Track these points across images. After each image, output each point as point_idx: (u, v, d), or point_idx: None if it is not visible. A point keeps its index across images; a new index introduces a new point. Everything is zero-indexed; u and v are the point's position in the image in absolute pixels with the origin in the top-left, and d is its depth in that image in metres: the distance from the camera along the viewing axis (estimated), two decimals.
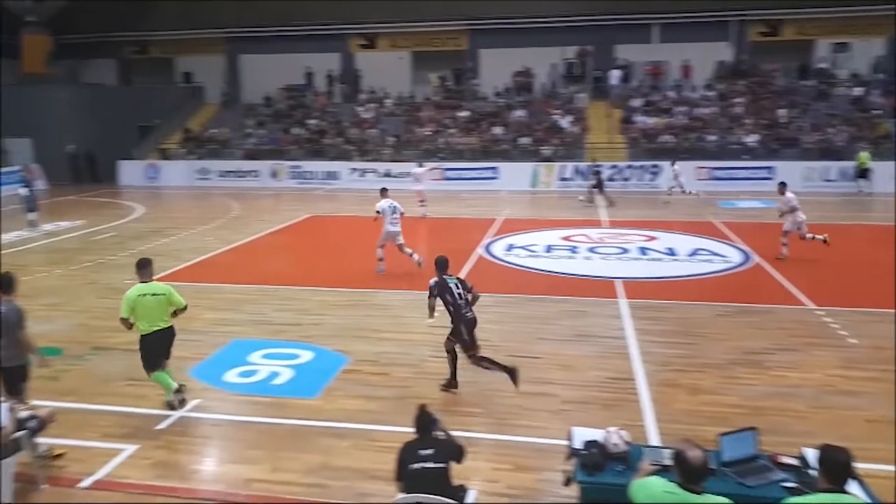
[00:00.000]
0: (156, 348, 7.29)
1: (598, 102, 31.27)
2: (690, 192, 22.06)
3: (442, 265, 7.79)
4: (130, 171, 30.39)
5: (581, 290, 12.02)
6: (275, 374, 8.38)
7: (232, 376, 8.32)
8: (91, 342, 9.60)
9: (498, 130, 29.71)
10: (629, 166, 26.56)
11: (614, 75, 31.56)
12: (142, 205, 23.50)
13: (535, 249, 15.30)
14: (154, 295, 7.17)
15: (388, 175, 27.92)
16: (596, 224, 18.70)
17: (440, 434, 4.92)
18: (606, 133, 29.05)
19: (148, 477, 6.08)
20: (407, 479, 4.64)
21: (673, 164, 22.99)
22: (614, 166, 26.36)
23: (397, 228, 13.05)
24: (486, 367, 7.58)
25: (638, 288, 12.02)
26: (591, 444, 4.88)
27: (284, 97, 34.10)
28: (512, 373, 7.46)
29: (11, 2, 31.19)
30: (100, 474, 6.11)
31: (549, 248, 15.42)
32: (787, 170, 23.40)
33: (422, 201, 20.16)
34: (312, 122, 31.77)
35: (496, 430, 6.89)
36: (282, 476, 6.09)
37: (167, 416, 7.23)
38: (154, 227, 19.02)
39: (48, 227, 18.95)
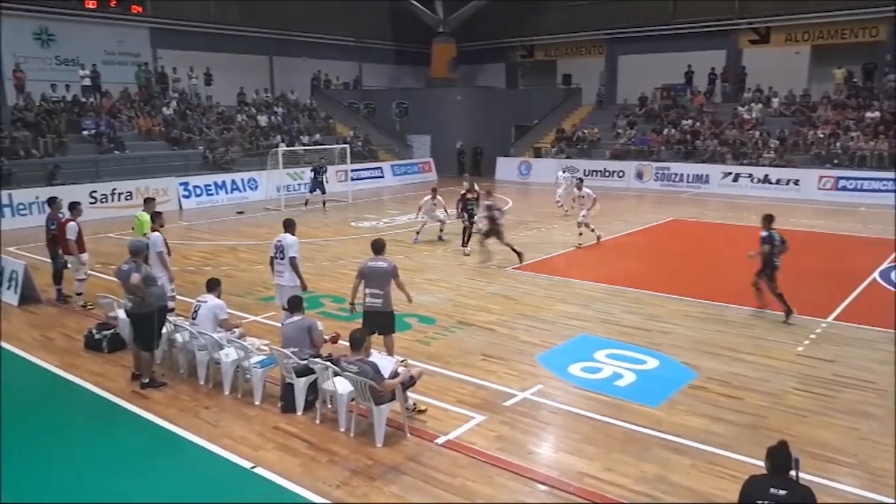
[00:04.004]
0: None
1: None
2: None
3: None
4: (506, 167, 33.14)
5: None
6: (618, 376, 8.29)
7: (576, 369, 8.48)
8: (458, 316, 10.72)
9: None
10: None
11: None
12: (512, 198, 25.41)
13: None
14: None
15: (765, 181, 25.45)
16: None
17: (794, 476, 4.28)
18: None
19: (491, 447, 6.54)
20: None
21: None
22: None
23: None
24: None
25: None
26: None
27: (660, 97, 33.42)
28: None
29: (428, 15, 36.51)
30: (452, 435, 6.77)
31: None
32: None
33: None
34: (687, 122, 30.53)
35: (869, 486, 5.81)
36: (614, 477, 5.99)
37: (513, 396, 7.69)
38: (520, 219, 20.41)
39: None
